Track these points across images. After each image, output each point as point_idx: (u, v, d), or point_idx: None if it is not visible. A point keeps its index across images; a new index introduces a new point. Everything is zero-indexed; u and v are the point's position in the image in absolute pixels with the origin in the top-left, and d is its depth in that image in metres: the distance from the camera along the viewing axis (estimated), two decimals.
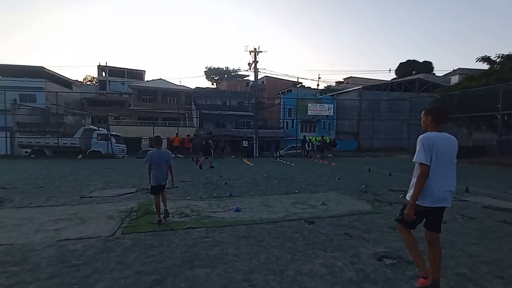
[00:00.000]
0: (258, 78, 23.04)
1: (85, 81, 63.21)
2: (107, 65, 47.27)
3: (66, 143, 17.53)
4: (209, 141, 12.37)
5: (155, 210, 4.24)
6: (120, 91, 44.97)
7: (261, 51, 20.82)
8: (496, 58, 19.00)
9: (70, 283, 2.48)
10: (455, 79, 34.35)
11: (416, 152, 2.35)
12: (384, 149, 25.16)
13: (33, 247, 3.30)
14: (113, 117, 33.14)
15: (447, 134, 2.43)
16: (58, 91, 23.43)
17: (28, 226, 4.03)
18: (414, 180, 2.35)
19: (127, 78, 48.11)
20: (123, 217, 4.48)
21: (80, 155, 16.67)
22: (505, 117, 17.79)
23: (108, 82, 47.73)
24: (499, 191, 7.05)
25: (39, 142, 17.57)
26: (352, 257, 3.05)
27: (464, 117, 17.92)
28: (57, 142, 17.21)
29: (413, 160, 2.37)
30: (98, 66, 49.71)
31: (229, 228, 3.98)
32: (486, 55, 19.46)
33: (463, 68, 39.94)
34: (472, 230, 4.03)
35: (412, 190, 2.33)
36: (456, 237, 3.73)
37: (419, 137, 2.42)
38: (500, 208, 5.28)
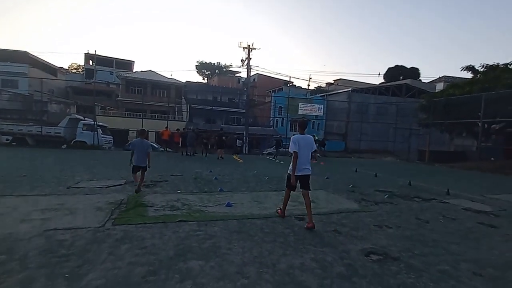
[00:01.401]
0: (250, 75, 23.00)
1: (70, 69, 61.03)
2: (94, 53, 45.91)
3: (50, 132, 16.93)
4: (222, 137, 14.61)
5: (134, 180, 5.86)
6: (107, 81, 43.70)
7: (254, 48, 20.79)
8: (480, 67, 19.77)
9: (60, 273, 2.44)
10: (440, 86, 35.52)
11: (290, 146, 4.06)
12: (370, 151, 25.74)
13: (19, 236, 3.21)
14: (99, 108, 32.19)
15: (307, 135, 4.17)
16: (43, 78, 22.56)
17: (13, 216, 3.90)
18: (292, 162, 4.01)
19: (115, 68, 46.80)
20: (113, 208, 4.42)
21: (65, 145, 16.15)
22: (485, 125, 18.62)
23: (95, 71, 46.39)
24: (477, 194, 7.40)
25: (21, 129, 16.87)
26: (341, 252, 3.15)
27: (447, 123, 18.59)
28: (40, 130, 16.58)
29: (288, 150, 4.21)
30: (85, 54, 48.12)
31: (221, 222, 4.01)
32: (470, 65, 20.22)
33: (448, 76, 41.37)
34: (453, 230, 4.24)
35: (291, 167, 4.04)
36: (439, 236, 3.91)
37: (292, 137, 4.13)
38: (478, 211, 5.56)
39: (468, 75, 21.45)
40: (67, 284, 2.28)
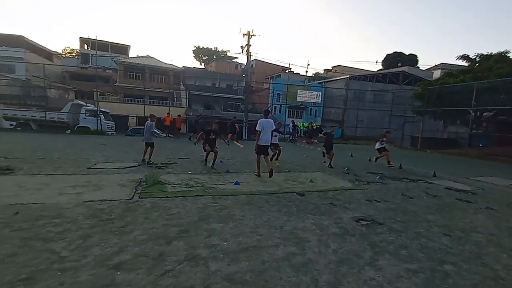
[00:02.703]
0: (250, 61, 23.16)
1: (64, 53, 59.95)
2: (89, 37, 45.15)
3: (53, 118, 17.23)
4: (235, 124, 16.22)
5: (142, 154, 7.71)
6: (103, 66, 43.28)
7: (254, 35, 20.87)
8: (475, 57, 20.20)
9: (110, 231, 3.03)
10: (437, 74, 35.96)
11: (257, 127, 6.18)
12: (366, 138, 26.38)
13: (63, 206, 3.77)
14: (98, 93, 32.20)
15: (269, 119, 6.41)
16: (40, 63, 22.53)
17: (49, 190, 4.46)
18: (257, 137, 6.25)
19: (111, 52, 46.19)
20: (135, 185, 4.99)
21: (69, 130, 16.51)
22: (477, 113, 19.29)
23: (91, 56, 45.74)
24: (461, 176, 8.10)
25: (25, 115, 17.14)
26: (336, 219, 3.78)
27: (440, 111, 19.20)
28: (44, 116, 16.88)
29: (256, 129, 6.25)
30: (80, 38, 47.34)
31: (232, 197, 4.61)
32: (465, 54, 20.64)
33: (445, 63, 41.69)
34: (432, 204, 4.90)
35: (257, 139, 6.24)
36: (419, 208, 4.57)
37: (258, 120, 6.27)
38: (458, 190, 6.24)
39: (464, 63, 21.89)
40: (119, 237, 2.87)
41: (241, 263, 2.47)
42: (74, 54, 57.62)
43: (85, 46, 47.74)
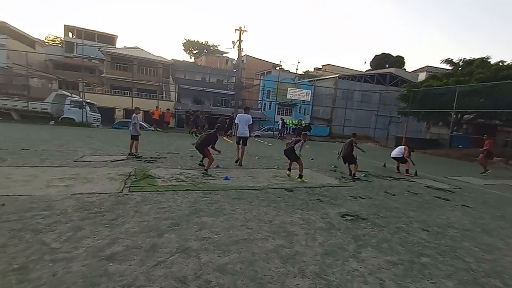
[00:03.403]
0: (241, 57, 23.09)
1: (47, 41, 57.51)
2: (75, 26, 43.55)
3: (36, 108, 16.62)
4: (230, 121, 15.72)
5: (129, 148, 7.70)
6: (89, 56, 41.90)
7: (246, 31, 20.80)
8: (458, 61, 20.95)
9: (101, 223, 3.05)
10: (422, 76, 36.98)
11: (235, 121, 7.99)
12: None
13: (52, 198, 3.74)
14: (84, 84, 31.23)
15: (245, 114, 7.52)
16: (23, 50, 21.58)
17: (37, 182, 4.38)
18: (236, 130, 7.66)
19: (97, 42, 44.75)
20: (125, 179, 4.97)
21: (52, 121, 15.98)
22: (458, 115, 20.08)
23: (76, 45, 44.12)
24: (441, 176, 8.49)
25: (6, 104, 16.44)
26: (323, 214, 3.93)
27: (424, 112, 19.87)
28: (26, 106, 16.25)
29: (234, 122, 8.39)
30: (65, 25, 45.56)
31: (222, 192, 4.68)
32: (449, 58, 21.37)
33: (430, 66, 42.95)
34: (413, 201, 5.16)
35: (236, 132, 7.54)
36: (401, 205, 4.80)
37: (237, 115, 7.85)
38: (438, 188, 6.57)
39: (448, 67, 22.68)
40: (109, 230, 2.90)
41: (231, 255, 2.56)
42: (58, 42, 55.38)
43: (70, 34, 46.04)
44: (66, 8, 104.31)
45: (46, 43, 53.49)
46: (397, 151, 8.61)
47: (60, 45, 50.77)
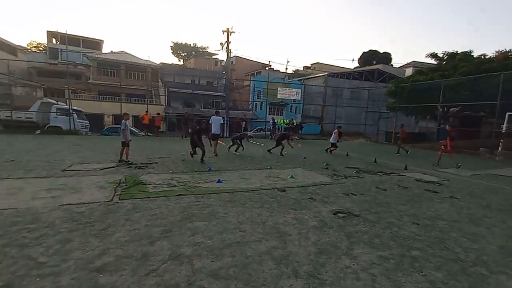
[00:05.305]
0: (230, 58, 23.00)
1: (30, 48, 56.07)
2: (58, 31, 42.58)
3: (21, 117, 16.16)
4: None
5: (119, 155, 7.58)
6: (74, 62, 41.02)
7: (233, 32, 20.74)
8: (442, 55, 21.45)
9: (90, 234, 2.99)
10: (409, 71, 37.70)
11: (210, 121, 9.92)
12: (344, 134, 27.22)
13: (38, 210, 3.64)
14: (70, 91, 30.58)
15: (219, 116, 9.99)
16: (4, 58, 20.96)
17: (23, 195, 4.26)
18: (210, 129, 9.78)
19: (82, 47, 43.91)
20: (115, 187, 4.89)
21: (38, 131, 15.58)
22: (445, 108, 20.54)
23: (60, 51, 43.16)
24: (430, 169, 8.67)
25: None
26: (315, 213, 3.96)
27: (412, 107, 20.24)
28: (9, 115, 15.79)
29: (209, 122, 9.92)
30: (48, 31, 44.52)
31: (215, 195, 4.66)
32: (434, 52, 21.85)
33: (417, 61, 43.82)
34: (403, 195, 5.25)
35: (209, 130, 9.70)
36: (391, 200, 4.88)
37: (211, 117, 10.03)
38: (427, 181, 6.70)
39: (433, 61, 23.19)
40: (99, 240, 2.84)
41: (225, 259, 2.55)
42: (41, 48, 54.06)
43: (54, 41, 45.02)
44: (48, 13, 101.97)
45: (29, 50, 52.16)
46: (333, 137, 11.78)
47: (44, 52, 49.61)
